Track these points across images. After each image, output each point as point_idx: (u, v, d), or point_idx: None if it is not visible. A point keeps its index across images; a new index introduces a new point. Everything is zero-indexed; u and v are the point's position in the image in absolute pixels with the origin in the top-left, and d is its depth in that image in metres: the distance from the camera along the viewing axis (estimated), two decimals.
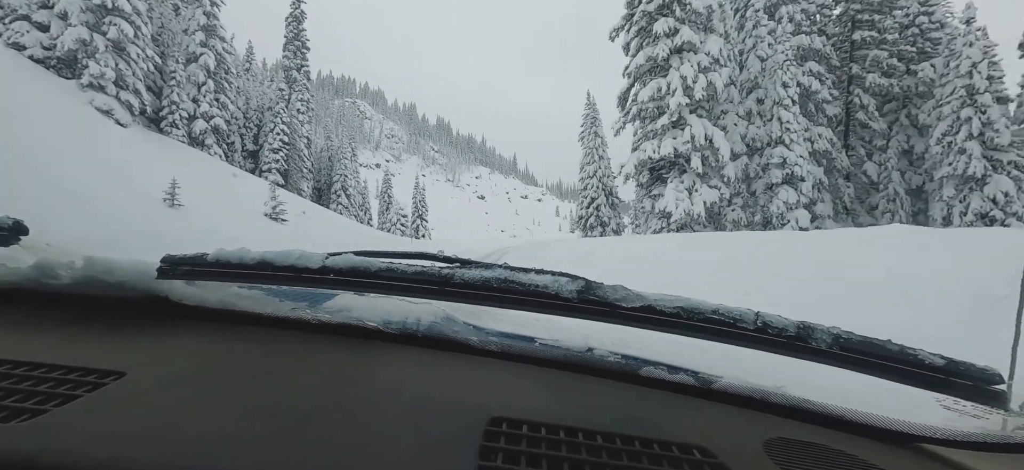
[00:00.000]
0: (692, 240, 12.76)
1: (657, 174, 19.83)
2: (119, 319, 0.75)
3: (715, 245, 10.83)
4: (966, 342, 4.03)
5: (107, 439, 0.43)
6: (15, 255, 1.01)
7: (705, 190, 18.09)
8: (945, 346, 0.69)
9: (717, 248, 10.37)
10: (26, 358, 0.58)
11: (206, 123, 26.20)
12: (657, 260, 10.21)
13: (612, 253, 12.26)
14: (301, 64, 37.18)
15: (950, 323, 4.65)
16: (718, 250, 10.08)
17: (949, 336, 4.35)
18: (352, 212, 41.53)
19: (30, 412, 0.46)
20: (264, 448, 0.44)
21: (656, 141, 18.67)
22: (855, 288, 6.09)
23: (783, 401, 0.70)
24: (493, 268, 0.75)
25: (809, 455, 0.58)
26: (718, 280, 7.50)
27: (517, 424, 0.54)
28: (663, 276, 8.45)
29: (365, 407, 0.55)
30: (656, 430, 0.57)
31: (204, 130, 26.09)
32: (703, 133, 17.78)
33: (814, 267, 7.28)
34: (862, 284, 6.17)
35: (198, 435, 0.45)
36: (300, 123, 34.87)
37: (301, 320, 0.77)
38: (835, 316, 1.08)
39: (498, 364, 0.74)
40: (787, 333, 0.67)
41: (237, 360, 0.65)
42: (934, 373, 0.65)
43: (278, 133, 32.56)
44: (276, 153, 32.44)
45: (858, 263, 7.06)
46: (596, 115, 33.61)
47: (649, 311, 0.69)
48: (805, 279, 6.81)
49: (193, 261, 0.80)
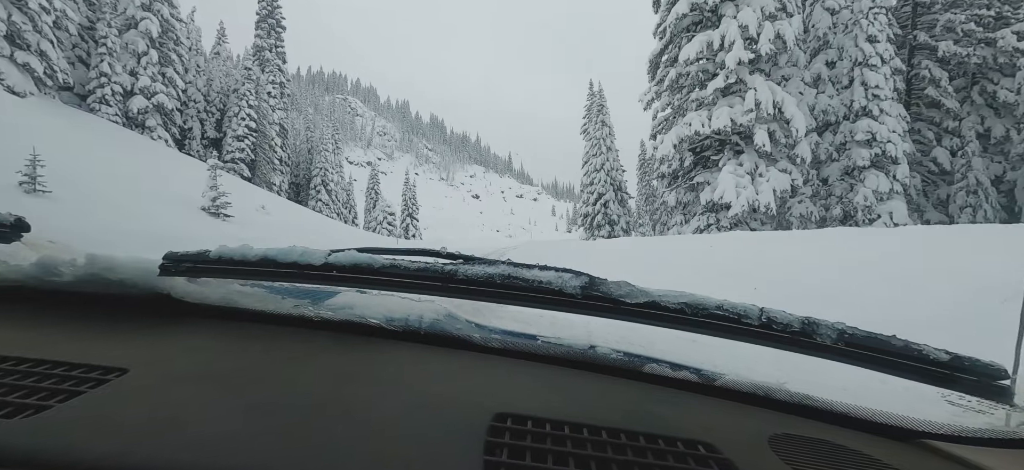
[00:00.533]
0: (778, 240, 8.78)
1: (702, 157, 15.69)
2: (121, 316, 0.76)
3: (828, 246, 6.85)
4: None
5: (110, 435, 0.44)
6: (17, 252, 1.02)
7: (774, 174, 13.92)
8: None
9: (845, 249, 6.38)
10: (30, 355, 0.58)
11: (146, 100, 21.72)
12: (774, 270, 6.11)
13: (665, 260, 8.19)
14: (275, 44, 33.01)
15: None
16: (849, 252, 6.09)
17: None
18: (334, 209, 37.42)
19: (34, 408, 0.46)
20: (267, 445, 0.45)
21: (704, 112, 14.54)
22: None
23: (787, 397, 0.70)
24: (496, 264, 0.75)
25: (814, 451, 0.58)
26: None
27: (522, 420, 0.53)
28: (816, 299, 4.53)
29: (368, 404, 0.55)
30: (661, 426, 0.57)
31: (144, 109, 21.61)
32: (771, 99, 13.63)
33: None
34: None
35: (201, 432, 0.45)
36: (270, 108, 30.40)
37: (303, 317, 0.78)
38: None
39: (501, 361, 0.74)
40: (791, 329, 0.67)
41: (239, 357, 0.65)
42: (939, 368, 0.65)
43: (243, 118, 28.07)
44: (241, 141, 27.98)
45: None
46: (603, 103, 29.93)
47: (653, 307, 0.69)
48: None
49: (195, 258, 0.79)
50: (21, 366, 0.55)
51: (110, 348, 0.64)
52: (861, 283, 5.08)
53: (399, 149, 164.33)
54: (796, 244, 7.88)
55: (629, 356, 0.76)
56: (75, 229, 7.66)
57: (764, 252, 7.31)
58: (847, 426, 0.67)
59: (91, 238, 6.83)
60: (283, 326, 0.77)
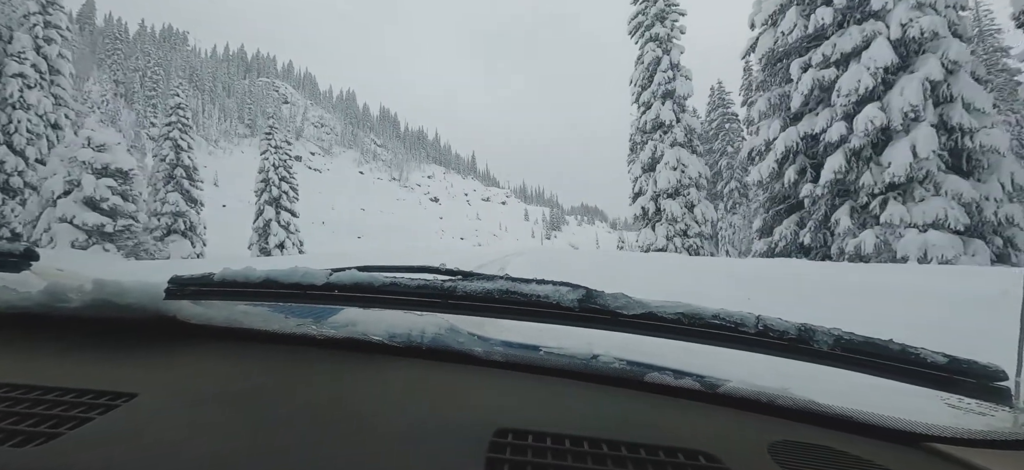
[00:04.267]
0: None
1: None
2: (130, 341, 0.76)
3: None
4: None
5: (122, 460, 0.44)
6: (26, 280, 1.02)
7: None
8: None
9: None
10: (39, 382, 0.58)
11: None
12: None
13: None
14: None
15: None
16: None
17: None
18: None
19: (45, 436, 0.47)
20: (274, 463, 0.46)
21: None
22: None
23: (789, 403, 0.68)
24: (495, 279, 0.76)
25: (814, 457, 0.57)
26: None
27: (523, 434, 0.53)
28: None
29: (370, 421, 0.55)
30: (662, 437, 0.57)
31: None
32: None
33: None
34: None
35: (211, 453, 0.46)
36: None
37: (306, 335, 0.78)
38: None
39: (503, 374, 0.74)
40: (788, 336, 0.67)
41: (245, 377, 0.66)
42: (937, 371, 0.64)
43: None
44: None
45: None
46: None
47: (650, 318, 0.69)
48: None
49: (200, 281, 0.80)
50: (31, 394, 0.55)
51: (119, 373, 0.65)
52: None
53: (341, 144, 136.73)
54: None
55: (632, 365, 0.75)
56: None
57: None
58: (848, 431, 0.65)
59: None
60: (287, 345, 0.77)
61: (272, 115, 31.80)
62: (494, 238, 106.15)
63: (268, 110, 49.09)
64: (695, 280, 7.71)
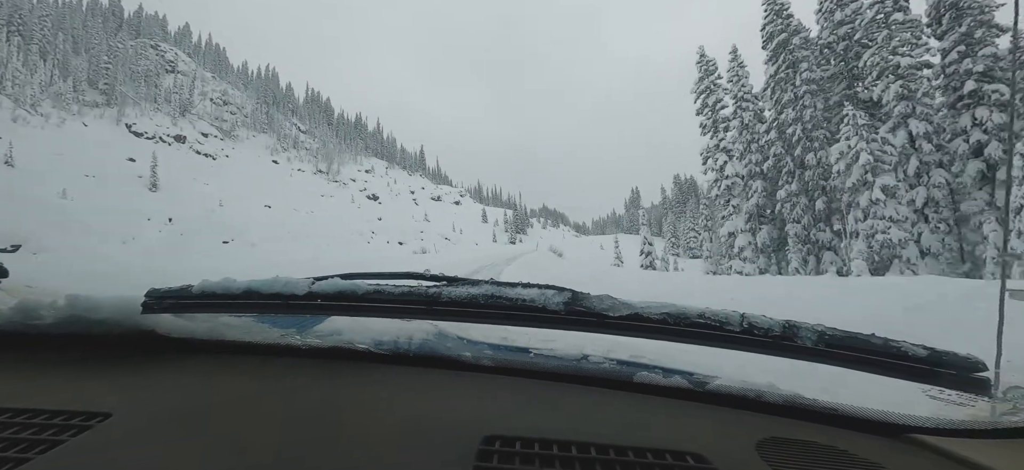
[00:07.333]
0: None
1: None
2: (105, 357, 0.73)
3: None
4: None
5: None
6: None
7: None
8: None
9: None
10: (8, 404, 0.56)
11: None
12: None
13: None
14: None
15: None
16: None
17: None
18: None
19: (13, 461, 0.44)
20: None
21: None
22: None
23: (777, 399, 0.69)
24: (480, 285, 0.75)
25: (801, 453, 0.58)
26: None
27: (511, 442, 0.53)
28: None
29: (357, 433, 0.54)
30: (650, 438, 0.57)
31: None
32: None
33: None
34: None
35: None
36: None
37: (291, 346, 0.76)
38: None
39: (492, 379, 0.73)
40: (773, 333, 0.67)
41: (227, 392, 0.64)
42: (918, 364, 0.65)
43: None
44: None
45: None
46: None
47: (636, 319, 0.69)
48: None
49: (178, 294, 0.78)
50: (1, 417, 0.53)
51: (93, 392, 0.63)
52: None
53: (250, 127, 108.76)
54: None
55: (621, 364, 0.75)
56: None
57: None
58: (835, 424, 0.66)
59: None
60: (271, 356, 0.76)
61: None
62: (446, 242, 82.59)
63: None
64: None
